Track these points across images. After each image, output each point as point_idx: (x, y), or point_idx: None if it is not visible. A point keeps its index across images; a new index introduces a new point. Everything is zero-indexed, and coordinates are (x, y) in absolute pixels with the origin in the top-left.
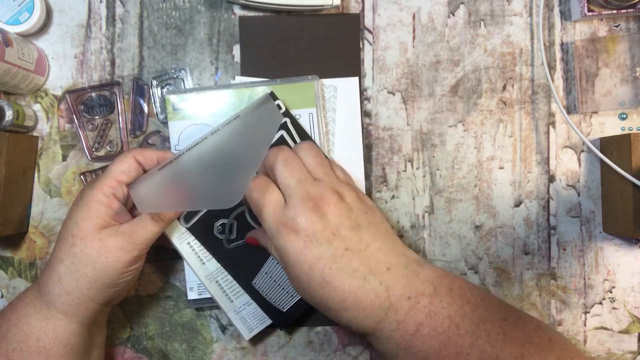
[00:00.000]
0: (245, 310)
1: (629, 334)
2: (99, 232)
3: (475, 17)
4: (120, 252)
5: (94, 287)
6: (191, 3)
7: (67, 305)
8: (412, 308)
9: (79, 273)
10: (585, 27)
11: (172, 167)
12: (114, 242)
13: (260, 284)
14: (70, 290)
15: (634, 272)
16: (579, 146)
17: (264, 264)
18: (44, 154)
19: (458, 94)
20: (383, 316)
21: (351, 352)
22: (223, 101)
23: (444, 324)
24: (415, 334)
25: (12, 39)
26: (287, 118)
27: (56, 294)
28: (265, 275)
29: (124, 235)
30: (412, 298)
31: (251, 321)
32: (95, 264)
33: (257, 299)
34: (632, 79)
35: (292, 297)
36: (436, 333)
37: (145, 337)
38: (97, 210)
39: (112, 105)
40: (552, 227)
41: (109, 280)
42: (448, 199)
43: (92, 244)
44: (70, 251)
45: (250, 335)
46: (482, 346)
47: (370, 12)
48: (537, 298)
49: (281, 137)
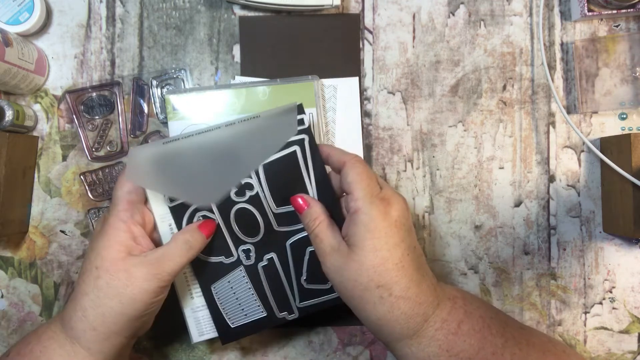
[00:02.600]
0: (202, 312)
1: (629, 334)
2: (123, 262)
3: (475, 17)
4: (146, 283)
5: (120, 321)
6: (191, 3)
7: (93, 342)
8: (453, 307)
9: (105, 307)
10: (585, 27)
11: (177, 145)
12: (140, 273)
13: (219, 291)
14: (96, 326)
15: (634, 272)
16: (579, 146)
17: (230, 273)
18: (44, 154)
19: (458, 94)
20: (431, 314)
21: (351, 352)
22: (223, 101)
23: (479, 323)
24: (457, 332)
25: (12, 39)
26: (306, 136)
27: (81, 330)
28: (227, 284)
29: (150, 265)
30: (451, 299)
31: (205, 325)
32: (122, 297)
33: (210, 304)
34: (632, 79)
35: (245, 317)
36: (474, 331)
37: (145, 337)
38: (116, 237)
39: (112, 105)
40: (552, 227)
41: (136, 312)
42: (448, 199)
43: (118, 275)
44: (96, 284)
45: (198, 339)
46: (511, 348)
47: (370, 12)
48: (537, 298)
49: (293, 152)
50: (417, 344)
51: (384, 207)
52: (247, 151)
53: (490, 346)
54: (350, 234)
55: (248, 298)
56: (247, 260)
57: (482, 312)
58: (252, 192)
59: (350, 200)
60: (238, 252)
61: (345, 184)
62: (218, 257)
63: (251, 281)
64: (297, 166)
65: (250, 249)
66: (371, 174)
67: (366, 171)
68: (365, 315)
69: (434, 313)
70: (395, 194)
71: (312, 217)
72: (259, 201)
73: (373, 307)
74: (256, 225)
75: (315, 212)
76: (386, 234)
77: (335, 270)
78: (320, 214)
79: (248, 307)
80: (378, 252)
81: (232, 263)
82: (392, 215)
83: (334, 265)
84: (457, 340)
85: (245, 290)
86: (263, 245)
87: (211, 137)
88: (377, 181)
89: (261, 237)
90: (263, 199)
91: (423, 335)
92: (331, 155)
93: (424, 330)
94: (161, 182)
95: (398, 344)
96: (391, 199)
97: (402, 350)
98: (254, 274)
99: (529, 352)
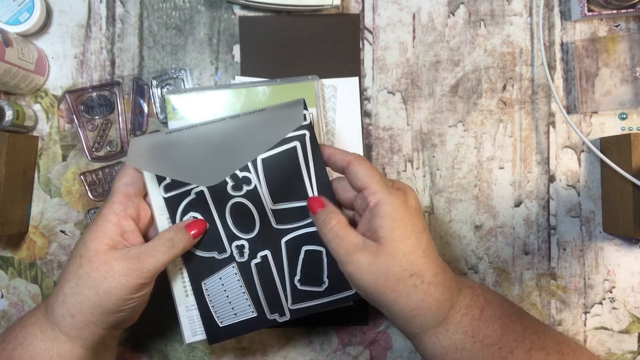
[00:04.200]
0: (196, 311)
1: (629, 334)
2: (105, 254)
3: (475, 17)
4: (124, 278)
5: (96, 312)
6: (191, 3)
7: (71, 328)
8: (474, 294)
9: (83, 296)
10: (585, 27)
11: (179, 135)
12: (120, 267)
13: (209, 287)
14: (74, 313)
15: (634, 272)
16: (579, 146)
17: (222, 269)
18: (44, 154)
19: (458, 94)
20: (456, 300)
21: (351, 352)
22: (223, 101)
23: (499, 310)
24: (480, 318)
25: (12, 39)
26: (308, 132)
27: (60, 315)
28: (218, 281)
29: (130, 260)
30: (470, 287)
31: (199, 325)
32: (99, 288)
33: (200, 301)
34: (632, 79)
35: (235, 316)
36: (495, 317)
37: (145, 337)
38: (104, 229)
39: (112, 105)
40: (552, 227)
41: (112, 306)
42: (448, 199)
43: (98, 267)
44: (77, 272)
45: (191, 340)
46: (530, 336)
47: (370, 12)
48: (537, 298)
49: (293, 148)
50: (444, 332)
51: (403, 196)
52: (250, 139)
53: (511, 332)
54: (375, 226)
55: (239, 297)
56: (240, 257)
57: (499, 300)
58: (250, 186)
59: (367, 194)
60: (231, 248)
61: (356, 181)
62: (211, 252)
63: (243, 279)
64: (297, 162)
65: (244, 245)
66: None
67: (373, 167)
68: (399, 308)
69: (458, 299)
70: (405, 184)
71: (329, 216)
72: (256, 196)
73: (407, 297)
74: (252, 220)
75: (332, 210)
76: (411, 222)
77: (363, 268)
78: (337, 213)
79: (238, 306)
80: (407, 241)
81: (225, 259)
82: (411, 204)
83: (361, 263)
84: (481, 325)
85: (237, 289)
86: (258, 242)
87: (215, 128)
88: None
89: (256, 233)
90: (260, 194)
91: (450, 322)
92: (333, 155)
93: (450, 317)
94: (161, 165)
95: (426, 334)
96: (405, 189)
97: (429, 339)
98: (246, 271)
99: (546, 341)
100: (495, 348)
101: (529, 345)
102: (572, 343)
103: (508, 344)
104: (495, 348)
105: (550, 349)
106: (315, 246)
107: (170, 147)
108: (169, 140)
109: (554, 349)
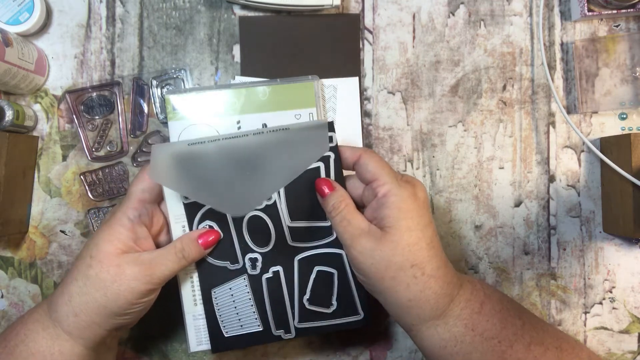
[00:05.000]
0: (204, 321)
1: (629, 334)
2: (117, 257)
3: (475, 17)
4: (134, 282)
5: (102, 314)
6: (191, 3)
7: (74, 327)
8: (474, 289)
9: (89, 296)
10: (585, 27)
11: (202, 148)
12: (131, 271)
13: (218, 296)
14: (78, 312)
15: (634, 272)
16: (579, 146)
17: (233, 280)
18: (44, 154)
19: (458, 94)
20: (456, 294)
21: (351, 352)
22: (223, 101)
23: (498, 304)
24: (480, 312)
25: (12, 39)
26: (332, 153)
27: (64, 314)
28: (228, 291)
29: (142, 265)
30: (470, 282)
31: (204, 335)
32: (108, 291)
33: (208, 309)
34: (632, 79)
35: (241, 328)
36: (495, 312)
37: (145, 337)
38: (119, 234)
39: (112, 105)
40: (552, 227)
41: (118, 309)
42: (448, 199)
43: (109, 269)
44: (86, 272)
45: (196, 349)
46: (529, 331)
47: (370, 12)
48: (537, 298)
49: (316, 169)
50: (443, 324)
51: (411, 188)
52: (275, 164)
53: (511, 327)
54: (381, 216)
55: (247, 309)
56: (252, 270)
57: (499, 295)
58: (269, 201)
59: (377, 185)
60: (244, 260)
61: (366, 173)
62: (224, 262)
63: (252, 292)
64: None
65: (258, 259)
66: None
67: (383, 159)
68: (396, 297)
69: (458, 293)
70: (415, 178)
71: (338, 199)
72: (274, 211)
73: (406, 287)
74: (268, 235)
75: (341, 194)
76: (418, 214)
77: (366, 253)
78: (347, 197)
79: (245, 318)
80: (412, 232)
81: (237, 270)
82: (419, 197)
83: (365, 247)
84: (480, 319)
85: (246, 301)
86: (271, 257)
87: (238, 144)
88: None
89: (271, 248)
90: (279, 210)
91: (449, 315)
92: (342, 152)
93: (450, 310)
94: (184, 183)
95: (423, 326)
96: (414, 182)
97: (427, 331)
98: (257, 285)
99: (545, 337)
100: (495, 342)
101: (528, 339)
102: (571, 340)
103: (507, 338)
104: (495, 342)
105: (549, 344)
106: (328, 267)
107: (193, 162)
108: (192, 153)
109: (552, 345)
